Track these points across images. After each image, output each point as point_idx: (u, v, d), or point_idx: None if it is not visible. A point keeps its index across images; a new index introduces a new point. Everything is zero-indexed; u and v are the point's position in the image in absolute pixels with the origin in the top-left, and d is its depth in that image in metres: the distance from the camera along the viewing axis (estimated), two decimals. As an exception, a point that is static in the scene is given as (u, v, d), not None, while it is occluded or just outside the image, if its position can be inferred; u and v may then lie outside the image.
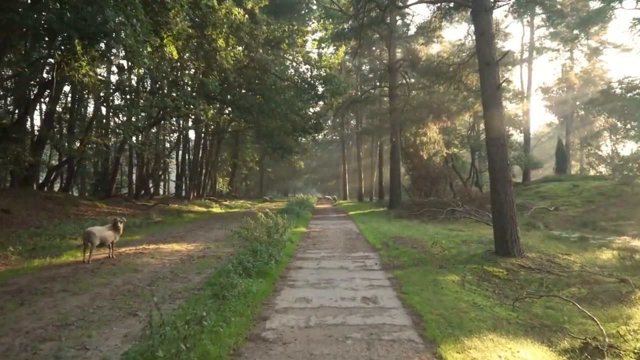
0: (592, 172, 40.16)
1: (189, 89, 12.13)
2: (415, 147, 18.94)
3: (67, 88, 19.72)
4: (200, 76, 11.85)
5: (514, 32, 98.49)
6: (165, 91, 11.81)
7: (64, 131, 17.72)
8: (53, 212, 15.35)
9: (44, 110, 16.95)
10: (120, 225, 7.98)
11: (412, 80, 20.95)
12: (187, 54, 12.30)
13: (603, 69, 35.82)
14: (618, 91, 23.08)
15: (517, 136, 28.91)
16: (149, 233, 11.89)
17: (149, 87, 13.69)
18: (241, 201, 34.47)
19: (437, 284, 5.96)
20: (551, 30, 30.62)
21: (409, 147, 19.98)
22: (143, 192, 26.67)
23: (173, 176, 34.41)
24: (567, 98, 36.22)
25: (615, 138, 38.45)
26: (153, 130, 27.56)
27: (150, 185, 27.20)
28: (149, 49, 8.27)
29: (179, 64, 12.34)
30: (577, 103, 37.20)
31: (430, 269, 6.94)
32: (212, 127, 33.17)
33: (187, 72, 11.10)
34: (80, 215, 15.62)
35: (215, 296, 4.95)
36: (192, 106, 11.11)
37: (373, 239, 10.25)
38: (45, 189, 17.56)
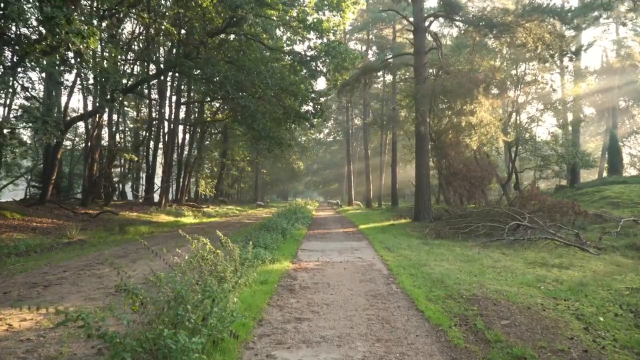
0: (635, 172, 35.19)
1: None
2: (454, 132, 13.38)
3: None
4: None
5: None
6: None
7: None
8: None
9: None
10: None
11: (453, 33, 15.59)
12: None
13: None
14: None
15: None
16: (6, 274, 6.60)
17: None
18: (228, 207, 29.23)
19: None
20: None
21: (442, 135, 14.44)
22: (103, 195, 21.54)
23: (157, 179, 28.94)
24: (612, 85, 30.83)
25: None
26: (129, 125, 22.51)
27: (110, 188, 22.04)
28: None
29: None
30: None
31: None
32: (193, 118, 28.06)
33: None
34: (-44, 233, 10.46)
35: None
36: (55, 18, 5.86)
37: (427, 303, 4.82)
38: None
